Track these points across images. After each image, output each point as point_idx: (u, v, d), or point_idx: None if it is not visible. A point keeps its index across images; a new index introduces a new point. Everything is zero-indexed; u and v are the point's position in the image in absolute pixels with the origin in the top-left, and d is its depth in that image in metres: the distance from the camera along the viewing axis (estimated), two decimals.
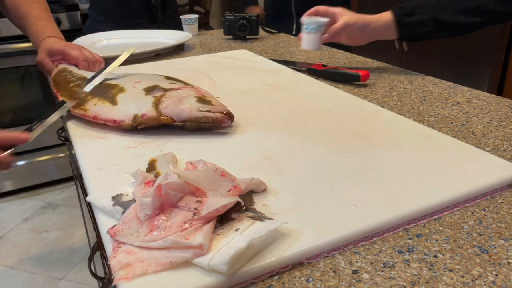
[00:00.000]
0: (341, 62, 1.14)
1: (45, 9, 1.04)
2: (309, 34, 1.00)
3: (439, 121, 0.75)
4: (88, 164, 0.62)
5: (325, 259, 0.44)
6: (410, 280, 0.41)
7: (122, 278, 0.40)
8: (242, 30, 1.44)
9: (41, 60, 0.94)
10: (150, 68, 1.08)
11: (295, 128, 0.71)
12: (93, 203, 0.52)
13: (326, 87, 0.91)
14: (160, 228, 0.44)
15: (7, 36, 2.04)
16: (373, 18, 0.98)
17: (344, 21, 0.98)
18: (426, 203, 0.50)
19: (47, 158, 2.32)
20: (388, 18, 0.96)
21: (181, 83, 0.80)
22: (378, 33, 0.99)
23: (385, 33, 0.98)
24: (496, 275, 0.41)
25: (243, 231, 0.43)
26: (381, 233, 0.48)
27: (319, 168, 0.58)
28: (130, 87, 0.77)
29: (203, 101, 0.71)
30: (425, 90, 0.91)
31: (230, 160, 0.61)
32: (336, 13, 1.00)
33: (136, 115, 0.70)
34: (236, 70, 1.06)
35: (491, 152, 0.64)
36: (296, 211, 0.49)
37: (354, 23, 0.98)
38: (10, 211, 2.22)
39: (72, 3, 2.20)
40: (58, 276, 1.79)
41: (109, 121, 0.72)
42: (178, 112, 0.69)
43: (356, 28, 0.98)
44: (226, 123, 0.70)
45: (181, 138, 0.69)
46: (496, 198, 0.53)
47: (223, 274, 0.40)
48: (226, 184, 0.49)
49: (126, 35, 1.41)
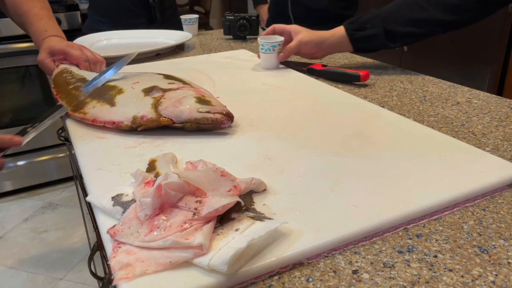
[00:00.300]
0: (341, 62, 1.14)
1: (46, 7, 1.04)
2: (265, 54, 1.04)
3: (439, 121, 0.75)
4: (88, 164, 0.62)
5: (325, 259, 0.44)
6: (410, 280, 0.41)
7: (122, 278, 0.40)
8: (242, 30, 1.44)
9: (42, 60, 0.94)
10: (150, 68, 1.08)
11: (295, 128, 0.71)
12: (93, 203, 0.52)
13: (326, 87, 0.91)
14: (160, 228, 0.44)
15: (7, 36, 2.04)
16: (328, 34, 1.02)
17: (299, 40, 1.02)
18: (426, 203, 0.50)
19: (47, 158, 2.32)
20: (342, 34, 1.00)
21: (180, 82, 0.79)
22: (334, 47, 1.03)
23: (341, 47, 1.03)
24: (496, 275, 0.41)
25: (243, 231, 0.43)
26: (381, 233, 0.48)
27: (319, 168, 0.58)
28: (128, 88, 0.77)
29: (203, 102, 0.71)
30: (425, 90, 0.91)
31: (230, 160, 0.61)
32: (291, 31, 1.04)
33: (135, 117, 0.70)
34: (236, 70, 1.05)
35: (491, 152, 0.64)
36: (296, 211, 0.49)
37: (309, 41, 1.02)
38: (10, 211, 2.22)
39: (72, 3, 2.20)
40: (58, 276, 1.79)
41: (107, 123, 0.72)
42: (177, 114, 0.69)
43: (311, 45, 1.03)
44: (226, 124, 0.69)
45: (181, 138, 0.69)
46: (496, 198, 0.53)
47: (223, 274, 0.40)
48: (226, 184, 0.49)
49: (126, 35, 1.41)
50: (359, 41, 0.99)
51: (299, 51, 1.05)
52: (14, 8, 1.03)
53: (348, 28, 0.99)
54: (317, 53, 1.05)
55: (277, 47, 1.03)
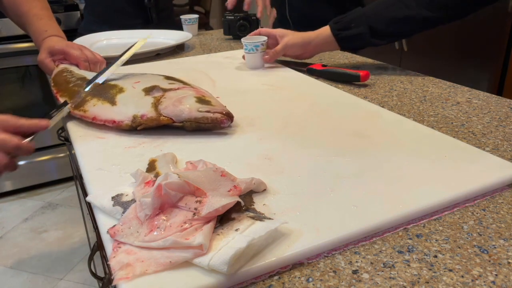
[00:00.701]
0: (341, 62, 1.14)
1: (45, 7, 1.04)
2: (249, 54, 1.05)
3: (439, 121, 0.75)
4: (88, 164, 0.62)
5: (325, 259, 0.44)
6: (410, 280, 0.41)
7: (122, 278, 0.40)
8: (242, 30, 1.43)
9: (42, 60, 0.95)
10: (150, 68, 1.08)
11: (295, 128, 0.71)
12: (93, 203, 0.52)
13: (326, 87, 0.91)
14: (160, 228, 0.44)
15: (7, 36, 2.04)
16: (313, 35, 1.03)
17: (284, 43, 1.04)
18: (426, 203, 0.50)
19: (47, 158, 2.31)
20: (327, 34, 1.01)
21: (180, 83, 0.79)
22: (320, 48, 1.04)
23: (327, 47, 1.04)
24: (496, 275, 0.41)
25: (243, 231, 0.43)
26: (381, 233, 0.48)
27: (319, 168, 0.58)
28: (129, 87, 0.77)
29: (203, 101, 0.71)
30: (425, 90, 0.91)
31: (230, 160, 0.61)
32: (277, 35, 1.06)
33: (135, 116, 0.70)
34: (236, 70, 1.06)
35: (491, 152, 0.64)
36: (296, 211, 0.49)
37: (294, 43, 1.04)
38: (10, 211, 2.22)
39: (72, 3, 2.20)
40: (58, 276, 1.79)
41: (108, 121, 0.72)
42: (177, 113, 0.69)
43: (297, 47, 1.04)
44: (226, 124, 0.69)
45: (181, 138, 0.69)
46: (496, 198, 0.53)
47: (223, 274, 0.40)
48: (226, 184, 0.49)
49: (126, 35, 1.41)
50: (344, 40, 0.99)
51: (286, 54, 1.06)
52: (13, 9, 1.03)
53: (333, 28, 1.00)
54: (304, 54, 1.06)
55: (260, 47, 1.03)
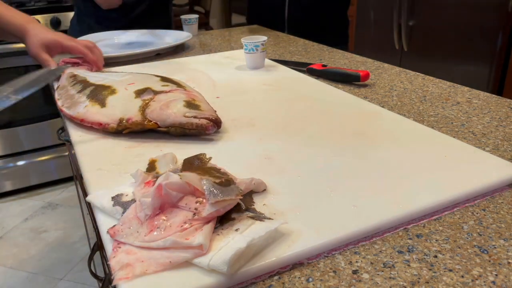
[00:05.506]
0: (341, 62, 1.14)
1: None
2: (249, 54, 1.05)
3: (439, 121, 0.75)
4: (88, 164, 0.62)
5: (325, 259, 0.44)
6: (410, 280, 0.41)
7: (122, 278, 0.40)
8: None
9: (36, 54, 0.96)
10: (150, 68, 1.08)
11: (295, 128, 0.71)
12: (93, 203, 0.52)
13: (326, 87, 0.91)
14: (160, 228, 0.44)
15: None
16: None
17: None
18: (426, 203, 0.50)
19: (47, 158, 2.32)
20: None
21: (174, 85, 0.78)
22: None
23: None
24: (496, 275, 0.41)
25: (243, 231, 0.43)
26: (381, 233, 0.48)
27: (319, 168, 0.58)
28: (122, 89, 0.77)
29: (191, 106, 0.70)
30: (425, 90, 0.91)
31: (230, 160, 0.61)
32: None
33: (121, 119, 0.70)
34: (236, 70, 1.06)
35: (491, 152, 0.64)
36: (296, 211, 0.49)
37: None
38: (10, 211, 2.22)
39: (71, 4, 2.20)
40: (58, 276, 1.79)
41: (94, 124, 0.71)
42: (163, 117, 0.68)
43: None
44: (211, 130, 0.67)
45: (181, 138, 0.69)
46: (496, 198, 0.53)
47: (223, 274, 0.40)
48: None
49: (126, 35, 1.41)
50: None
51: None
52: None
53: None
54: None
55: (260, 46, 1.04)
